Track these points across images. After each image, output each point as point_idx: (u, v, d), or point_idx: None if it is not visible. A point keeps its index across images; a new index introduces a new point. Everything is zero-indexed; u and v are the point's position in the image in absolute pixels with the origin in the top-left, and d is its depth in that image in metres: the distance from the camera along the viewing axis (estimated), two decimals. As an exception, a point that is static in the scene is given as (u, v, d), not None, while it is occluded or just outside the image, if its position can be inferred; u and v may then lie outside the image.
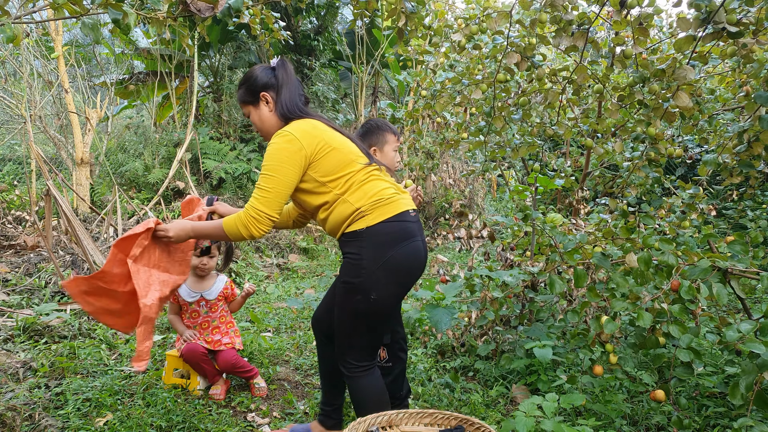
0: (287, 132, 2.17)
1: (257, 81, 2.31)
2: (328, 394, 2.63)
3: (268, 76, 2.32)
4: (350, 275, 2.19)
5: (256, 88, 2.31)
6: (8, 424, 2.63)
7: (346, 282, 2.21)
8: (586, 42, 3.21)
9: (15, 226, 6.88)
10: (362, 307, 2.18)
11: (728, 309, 4.12)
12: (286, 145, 2.14)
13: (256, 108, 2.33)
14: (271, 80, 2.31)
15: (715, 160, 3.75)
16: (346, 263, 2.22)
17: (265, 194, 2.13)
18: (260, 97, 2.32)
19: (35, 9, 3.16)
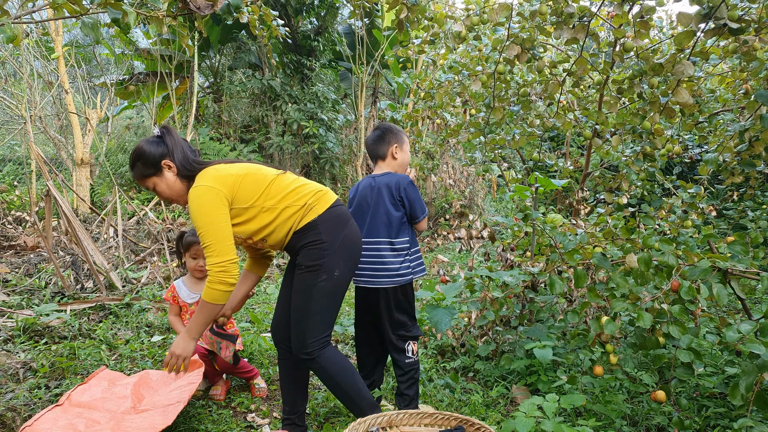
0: (199, 186, 2.26)
1: (153, 153, 2.36)
2: (292, 401, 2.63)
3: (158, 145, 2.38)
4: (314, 259, 2.35)
5: (154, 160, 2.36)
6: (8, 425, 2.63)
7: (310, 266, 2.36)
8: (586, 35, 3.21)
9: (15, 227, 6.88)
10: (329, 285, 2.36)
11: (728, 309, 4.12)
12: (205, 197, 2.24)
13: (161, 177, 2.38)
14: (163, 148, 2.37)
15: (716, 160, 3.74)
16: (308, 250, 2.37)
17: (214, 247, 2.22)
18: (161, 165, 2.37)
19: (35, 9, 3.16)
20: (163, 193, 2.40)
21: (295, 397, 2.62)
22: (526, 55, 3.47)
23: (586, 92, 4.48)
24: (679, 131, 4.84)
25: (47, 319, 3.86)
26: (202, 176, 2.33)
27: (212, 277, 2.21)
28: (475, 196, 9.20)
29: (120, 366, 3.43)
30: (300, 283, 2.38)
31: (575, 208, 4.82)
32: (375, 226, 2.75)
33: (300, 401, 2.63)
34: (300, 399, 2.63)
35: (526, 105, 4.01)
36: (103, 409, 2.64)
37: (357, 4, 3.85)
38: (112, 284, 4.85)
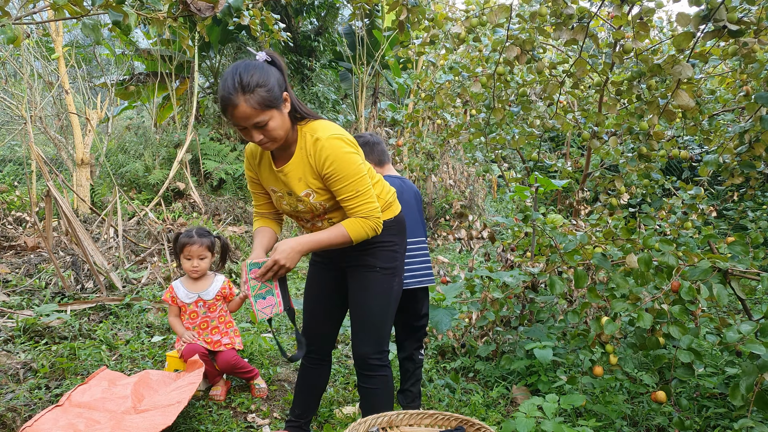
0: (343, 137, 2.05)
1: (279, 79, 2.01)
2: (304, 406, 2.58)
3: (277, 73, 2.02)
4: (388, 261, 2.27)
5: (281, 88, 2.01)
6: (8, 425, 2.64)
7: (384, 268, 2.26)
8: (586, 36, 3.22)
9: (15, 227, 6.88)
10: (397, 289, 2.31)
11: (728, 310, 4.12)
12: (353, 150, 2.06)
13: (281, 111, 2.01)
14: (281, 78, 2.03)
15: (716, 161, 3.75)
16: (381, 250, 2.25)
17: (370, 194, 2.09)
18: (284, 97, 2.03)
19: (36, 10, 3.17)
20: (274, 130, 1.99)
21: (309, 404, 2.58)
22: (525, 57, 3.48)
23: (586, 92, 4.49)
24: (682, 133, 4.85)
25: (47, 320, 3.87)
26: (325, 127, 2.07)
27: (372, 222, 2.07)
28: (476, 197, 9.20)
29: (120, 366, 3.43)
30: (376, 285, 2.26)
31: (575, 209, 4.82)
32: (418, 226, 2.81)
33: (313, 408, 2.61)
34: (313, 406, 2.60)
35: (526, 106, 4.02)
36: (104, 409, 2.64)
37: (357, 6, 3.85)
38: (113, 284, 4.85)
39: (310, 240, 2.10)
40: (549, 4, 3.20)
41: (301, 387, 2.57)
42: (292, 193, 2.16)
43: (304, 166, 2.10)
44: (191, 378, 2.83)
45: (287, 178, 2.14)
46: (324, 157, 2.02)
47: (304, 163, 2.09)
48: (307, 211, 2.19)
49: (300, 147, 2.10)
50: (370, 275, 2.26)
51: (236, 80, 1.91)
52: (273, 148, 2.09)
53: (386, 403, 2.32)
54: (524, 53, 3.47)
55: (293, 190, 2.15)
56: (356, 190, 2.06)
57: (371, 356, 2.28)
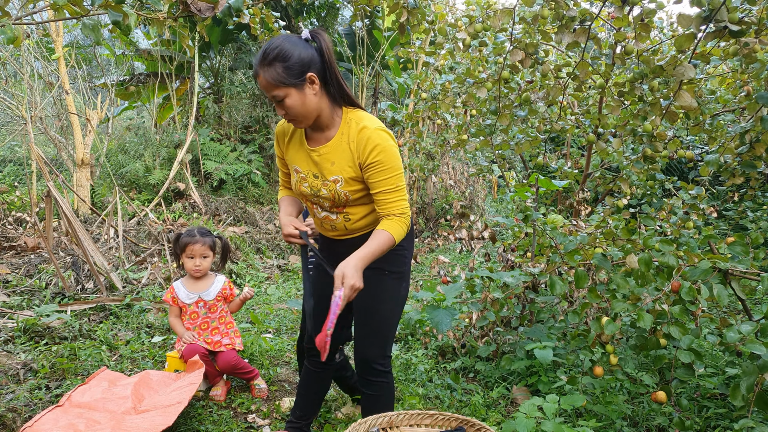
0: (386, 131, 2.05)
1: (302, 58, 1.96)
2: (306, 408, 2.57)
3: (308, 49, 1.98)
4: (397, 265, 2.26)
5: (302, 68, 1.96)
6: (9, 426, 2.63)
7: (393, 272, 2.25)
8: (588, 38, 3.22)
9: (15, 228, 6.88)
10: (405, 293, 2.32)
11: (729, 310, 4.11)
12: (396, 146, 2.08)
13: (300, 91, 1.98)
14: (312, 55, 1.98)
15: (717, 161, 3.74)
16: (391, 254, 2.20)
17: (405, 189, 2.09)
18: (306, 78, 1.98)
19: (36, 10, 3.17)
20: (291, 108, 1.99)
21: (311, 407, 2.58)
22: (529, 60, 3.48)
23: (587, 93, 4.49)
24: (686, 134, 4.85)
25: (48, 320, 3.87)
26: (372, 120, 2.07)
27: (406, 219, 2.07)
28: (476, 197, 9.20)
29: (120, 366, 3.43)
30: (386, 289, 2.25)
31: (576, 209, 4.82)
32: None
33: (315, 411, 2.60)
34: (316, 409, 2.60)
35: (533, 110, 4.01)
36: (104, 409, 2.64)
37: (358, 8, 3.85)
38: (113, 285, 4.85)
39: (366, 254, 2.01)
40: (551, 5, 3.20)
41: (303, 390, 2.56)
42: (319, 175, 2.13)
43: (343, 151, 2.07)
44: (191, 378, 2.83)
45: (321, 159, 2.11)
46: (372, 146, 2.01)
47: (343, 148, 2.07)
48: (329, 198, 2.15)
49: (342, 132, 2.08)
50: (380, 278, 2.23)
51: (263, 50, 1.94)
52: (301, 127, 2.09)
53: (387, 409, 2.31)
54: (528, 56, 3.47)
55: (323, 173, 2.12)
56: (396, 184, 2.05)
57: (376, 361, 2.27)
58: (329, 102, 2.06)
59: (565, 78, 3.83)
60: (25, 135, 8.16)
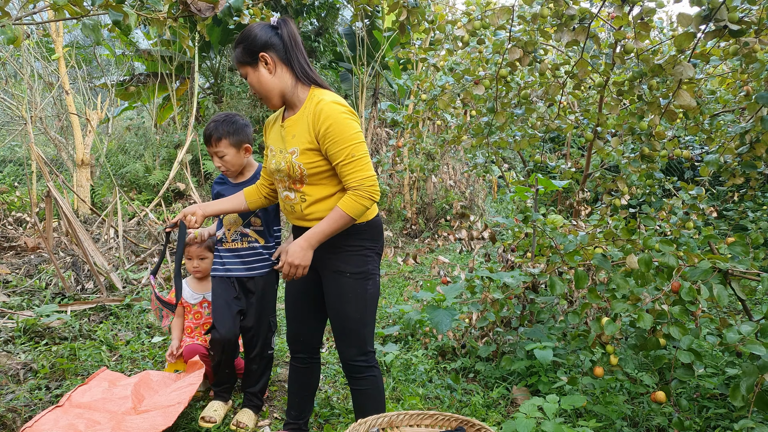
0: (340, 104, 2.13)
1: (258, 39, 2.15)
2: (300, 407, 2.60)
3: (267, 33, 2.16)
4: (358, 265, 2.26)
5: (254, 47, 2.15)
6: (9, 426, 2.63)
7: (355, 273, 2.26)
8: (587, 37, 3.22)
9: (15, 228, 6.88)
10: (373, 291, 2.31)
11: (729, 310, 4.11)
12: (351, 117, 2.13)
13: (255, 69, 2.18)
14: (270, 38, 2.15)
15: (717, 161, 3.74)
16: (350, 255, 2.25)
17: (365, 161, 2.11)
18: (259, 57, 2.16)
19: (36, 10, 3.17)
20: (252, 86, 2.22)
21: (304, 405, 2.60)
22: (528, 58, 3.48)
23: (587, 93, 4.49)
24: (684, 133, 4.84)
25: (48, 320, 3.87)
26: (332, 95, 2.17)
27: (363, 192, 2.08)
28: (476, 197, 9.20)
29: (120, 367, 3.43)
30: (349, 291, 2.26)
31: (575, 209, 4.82)
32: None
33: (308, 408, 2.63)
34: (309, 406, 2.63)
35: (529, 108, 4.02)
36: (104, 409, 2.64)
37: (359, 8, 3.85)
38: (113, 285, 4.85)
39: (314, 232, 2.13)
40: (550, 6, 3.20)
41: (293, 389, 2.59)
42: (282, 149, 2.24)
43: (303, 123, 2.16)
44: (191, 379, 2.83)
45: (286, 133, 2.23)
46: (323, 117, 2.08)
47: (303, 120, 2.16)
48: (285, 172, 2.20)
49: (305, 107, 2.18)
50: (341, 281, 2.26)
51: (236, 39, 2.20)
52: (269, 106, 2.26)
53: (377, 403, 2.34)
54: (527, 55, 3.47)
55: (285, 146, 2.22)
56: (351, 155, 2.09)
57: (355, 359, 2.31)
58: (293, 81, 2.21)
59: (564, 77, 3.83)
60: (25, 135, 8.16)
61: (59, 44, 7.60)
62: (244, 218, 2.83)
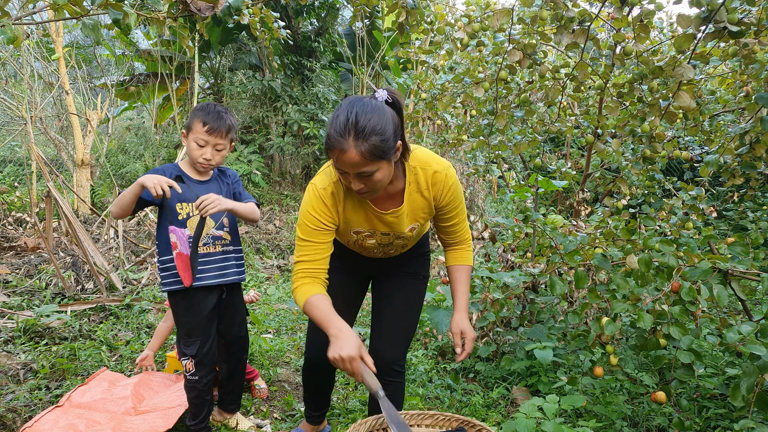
0: (449, 165, 2.03)
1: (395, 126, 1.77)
2: (319, 405, 2.60)
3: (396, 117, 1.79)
4: (427, 269, 2.36)
5: (395, 137, 1.77)
6: (8, 426, 2.63)
7: (426, 277, 2.35)
8: (587, 39, 3.22)
9: (15, 228, 6.88)
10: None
11: (729, 310, 4.11)
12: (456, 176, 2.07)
13: (391, 162, 1.79)
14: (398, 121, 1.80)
15: (717, 161, 3.74)
16: (425, 259, 2.36)
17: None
18: (397, 147, 1.80)
19: (36, 10, 3.17)
20: (378, 182, 1.78)
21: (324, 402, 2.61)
22: (527, 61, 3.48)
23: (586, 94, 4.49)
24: (683, 134, 4.83)
25: (48, 320, 3.86)
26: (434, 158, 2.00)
27: (470, 242, 2.21)
28: (476, 197, 9.20)
29: (120, 367, 3.43)
30: (419, 293, 2.31)
31: (575, 210, 4.82)
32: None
33: (327, 403, 2.63)
34: (327, 402, 2.63)
35: (530, 111, 4.02)
36: (104, 409, 2.64)
37: (358, 8, 3.85)
38: (113, 285, 4.85)
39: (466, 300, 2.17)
40: (550, 6, 3.20)
41: (313, 392, 2.56)
42: (390, 232, 2.07)
43: (416, 201, 2.01)
44: None
45: (399, 221, 2.02)
46: (447, 187, 2.00)
47: (416, 198, 2.00)
48: (402, 244, 2.17)
49: (410, 182, 1.96)
50: (417, 284, 2.31)
51: (351, 121, 1.66)
52: (373, 197, 1.91)
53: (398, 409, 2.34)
54: (526, 57, 3.47)
55: (398, 229, 2.05)
56: (465, 215, 2.15)
57: (397, 363, 2.28)
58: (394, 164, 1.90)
59: (564, 78, 3.83)
60: (25, 135, 8.16)
61: (59, 44, 7.60)
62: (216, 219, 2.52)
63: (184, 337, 2.50)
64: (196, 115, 2.44)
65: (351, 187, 1.80)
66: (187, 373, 2.51)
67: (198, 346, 2.47)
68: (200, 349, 2.48)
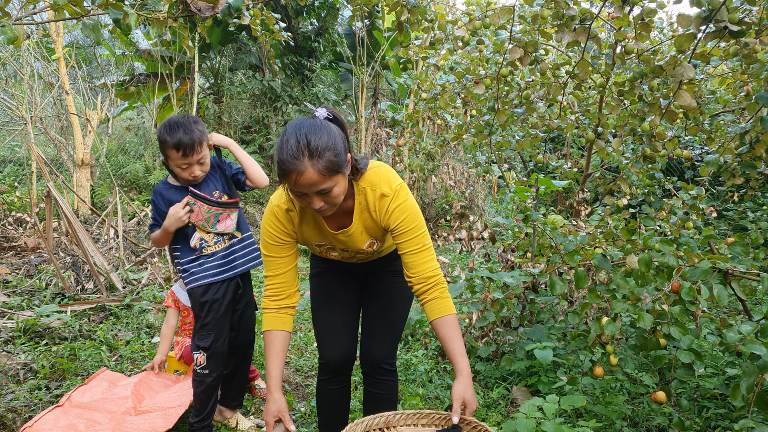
0: (403, 186, 1.99)
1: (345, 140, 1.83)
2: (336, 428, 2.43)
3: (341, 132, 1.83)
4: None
5: (346, 151, 1.82)
6: (8, 426, 2.63)
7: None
8: (588, 37, 3.22)
9: (15, 228, 6.88)
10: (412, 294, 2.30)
11: (729, 310, 4.11)
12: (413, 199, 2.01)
13: (345, 175, 1.83)
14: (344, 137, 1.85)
15: (717, 161, 3.74)
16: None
17: (433, 251, 2.02)
18: (347, 159, 1.83)
19: (36, 10, 3.16)
20: (337, 197, 1.81)
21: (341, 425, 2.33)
22: (528, 58, 3.48)
23: (587, 93, 4.49)
24: (684, 133, 4.83)
25: (48, 320, 3.86)
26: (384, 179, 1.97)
27: (445, 284, 2.01)
28: (476, 197, 9.20)
29: (120, 367, 3.43)
30: (406, 290, 2.22)
31: (576, 209, 4.82)
32: None
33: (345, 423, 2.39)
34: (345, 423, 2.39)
35: (530, 108, 4.02)
36: (104, 409, 2.64)
37: (357, 8, 3.85)
38: (113, 285, 4.85)
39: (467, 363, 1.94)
40: (551, 6, 3.20)
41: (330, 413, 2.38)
42: (349, 249, 2.11)
43: (366, 221, 2.01)
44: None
45: (351, 239, 2.05)
46: (391, 210, 1.95)
47: (366, 218, 2.01)
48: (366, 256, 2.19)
49: (360, 203, 1.99)
50: (397, 280, 2.27)
51: (302, 143, 1.69)
52: (329, 213, 1.90)
53: (392, 408, 2.32)
54: (527, 55, 3.47)
55: (355, 245, 2.08)
56: (423, 243, 1.98)
57: (386, 361, 2.28)
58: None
59: (565, 77, 3.83)
60: (25, 135, 8.16)
61: (59, 44, 7.60)
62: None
63: (198, 329, 2.57)
64: (165, 144, 2.43)
65: (311, 207, 1.82)
66: (197, 366, 2.55)
67: (212, 339, 2.53)
68: (214, 343, 2.53)
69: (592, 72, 3.55)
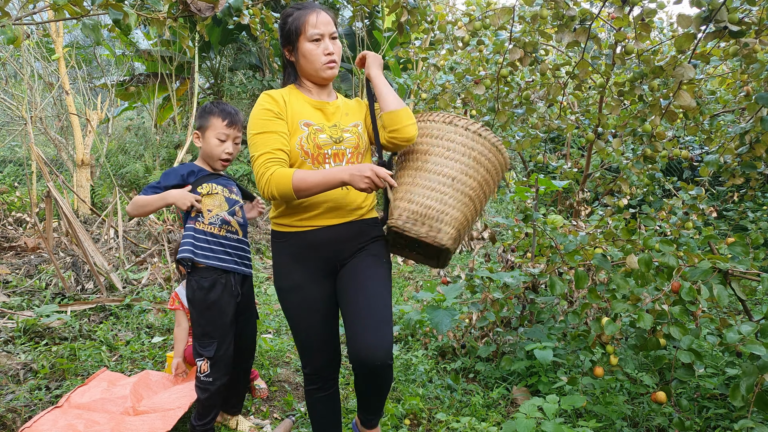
0: None
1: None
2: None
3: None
4: (387, 255, 2.22)
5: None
6: (8, 426, 2.63)
7: (387, 261, 2.18)
8: (588, 38, 3.22)
9: (15, 228, 6.88)
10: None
11: (729, 310, 4.11)
12: None
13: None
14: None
15: (717, 161, 3.74)
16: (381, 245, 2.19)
17: None
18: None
19: (36, 10, 3.17)
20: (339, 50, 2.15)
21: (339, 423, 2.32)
22: (528, 59, 3.48)
23: (587, 93, 4.49)
24: (684, 133, 4.83)
25: (48, 320, 3.86)
26: None
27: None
28: (476, 197, 9.17)
29: (120, 367, 3.43)
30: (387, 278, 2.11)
31: (576, 210, 4.82)
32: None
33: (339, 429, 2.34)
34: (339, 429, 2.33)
35: (530, 108, 4.02)
36: (103, 410, 2.64)
37: (357, 8, 3.85)
38: (113, 285, 4.85)
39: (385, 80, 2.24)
40: (551, 5, 3.20)
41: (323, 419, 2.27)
42: (337, 124, 2.14)
43: (347, 104, 2.26)
44: (193, 384, 2.83)
45: (337, 110, 2.18)
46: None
47: (346, 102, 2.27)
48: (353, 144, 2.12)
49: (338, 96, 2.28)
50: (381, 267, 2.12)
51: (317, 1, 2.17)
52: (334, 74, 2.13)
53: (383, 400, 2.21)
54: (527, 55, 3.47)
55: (340, 122, 2.15)
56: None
57: (384, 360, 1.96)
58: None
59: (565, 77, 3.84)
60: (25, 135, 8.16)
61: (59, 44, 7.60)
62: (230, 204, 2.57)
63: (200, 337, 2.48)
64: (211, 112, 2.53)
65: (326, 52, 2.06)
66: (201, 374, 2.49)
67: (215, 348, 2.46)
68: (217, 351, 2.46)
69: (592, 72, 3.55)
